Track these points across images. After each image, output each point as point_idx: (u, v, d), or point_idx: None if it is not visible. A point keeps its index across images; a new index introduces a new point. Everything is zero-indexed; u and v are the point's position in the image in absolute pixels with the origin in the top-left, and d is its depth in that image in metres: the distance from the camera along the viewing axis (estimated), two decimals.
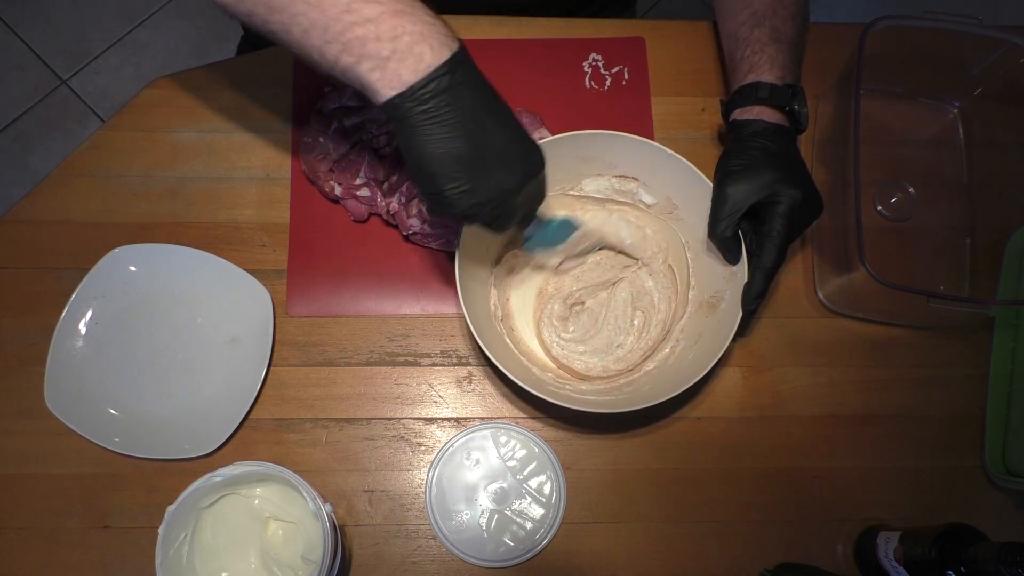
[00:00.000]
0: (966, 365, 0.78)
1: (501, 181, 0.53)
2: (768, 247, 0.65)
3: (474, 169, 0.51)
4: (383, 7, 0.48)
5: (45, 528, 0.71)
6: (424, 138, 0.50)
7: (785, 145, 0.68)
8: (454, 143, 0.50)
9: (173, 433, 0.72)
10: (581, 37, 0.86)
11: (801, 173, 0.67)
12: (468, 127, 0.50)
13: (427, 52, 0.48)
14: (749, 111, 0.69)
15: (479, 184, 0.52)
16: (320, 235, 0.78)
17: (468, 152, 0.51)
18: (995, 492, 0.75)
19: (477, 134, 0.51)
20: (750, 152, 0.67)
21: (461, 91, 0.50)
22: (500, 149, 0.52)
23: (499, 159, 0.52)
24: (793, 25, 0.71)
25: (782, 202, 0.65)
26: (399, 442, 0.74)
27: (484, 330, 0.67)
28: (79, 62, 1.74)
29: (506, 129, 0.53)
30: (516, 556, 0.71)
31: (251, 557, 0.67)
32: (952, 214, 0.83)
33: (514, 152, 0.53)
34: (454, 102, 0.50)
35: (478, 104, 0.51)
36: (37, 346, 0.73)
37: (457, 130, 0.50)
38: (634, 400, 0.66)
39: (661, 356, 0.73)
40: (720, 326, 0.69)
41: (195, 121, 0.81)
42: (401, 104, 0.49)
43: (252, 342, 0.74)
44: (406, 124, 0.50)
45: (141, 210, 0.79)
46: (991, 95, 0.83)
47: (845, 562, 0.73)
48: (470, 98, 0.51)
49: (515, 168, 0.53)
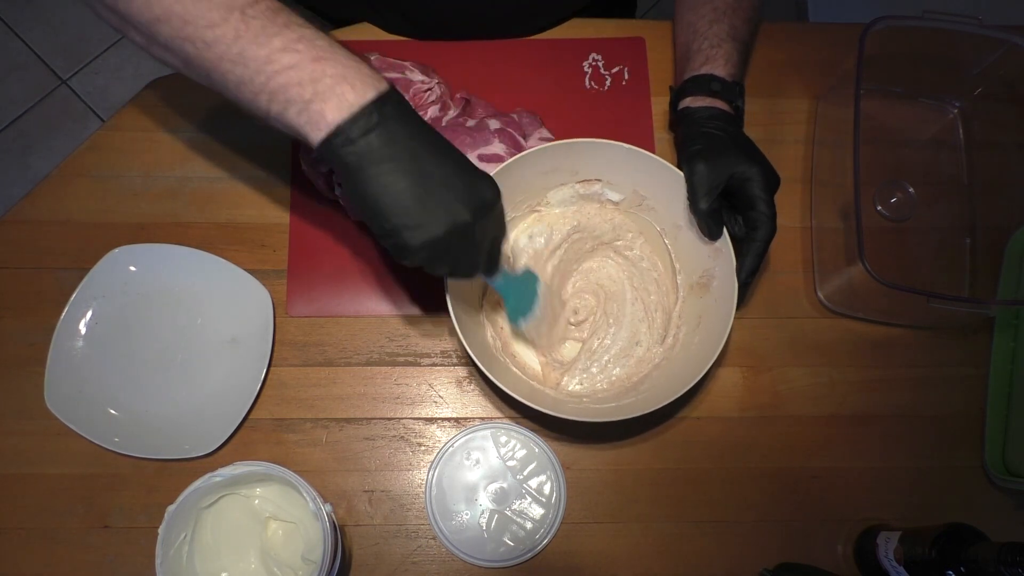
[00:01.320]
0: (966, 365, 0.78)
1: (452, 213, 0.51)
2: (762, 221, 0.67)
3: (420, 204, 0.50)
4: (301, 54, 0.49)
5: (45, 528, 0.71)
6: (362, 178, 0.49)
7: (738, 128, 0.72)
8: (393, 179, 0.49)
9: (173, 433, 0.72)
10: (581, 37, 0.86)
11: (759, 152, 0.70)
12: (405, 163, 0.50)
13: (348, 91, 0.48)
14: (701, 100, 0.72)
15: (428, 219, 0.50)
16: (320, 235, 0.78)
17: (409, 187, 0.50)
18: (995, 492, 0.75)
19: (416, 169, 0.50)
20: (711, 133, 0.69)
21: (392, 127, 0.49)
22: (444, 181, 0.51)
23: (445, 191, 0.51)
24: (748, 28, 0.76)
25: (756, 178, 0.67)
26: (399, 442, 0.74)
27: (489, 362, 0.66)
28: (79, 62, 1.74)
29: (448, 162, 0.52)
30: (516, 556, 0.71)
31: (251, 557, 0.67)
32: (952, 214, 0.83)
33: (461, 183, 0.52)
34: (387, 139, 0.49)
35: (413, 139, 0.50)
36: (37, 346, 0.73)
37: (394, 166, 0.49)
38: (650, 400, 0.66)
39: (666, 346, 0.73)
40: (718, 304, 0.69)
41: (195, 121, 0.81)
42: (331, 145, 0.49)
43: (252, 342, 0.74)
44: (342, 166, 0.50)
45: (141, 210, 0.79)
46: (991, 95, 0.83)
47: (845, 562, 0.73)
48: (403, 134, 0.50)
49: (464, 199, 0.51)
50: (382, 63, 0.76)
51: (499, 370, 0.67)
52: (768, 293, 0.79)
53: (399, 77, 0.75)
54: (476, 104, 0.78)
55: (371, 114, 0.49)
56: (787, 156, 0.83)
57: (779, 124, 0.85)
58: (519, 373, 0.73)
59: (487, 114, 0.77)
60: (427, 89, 0.76)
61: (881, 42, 0.74)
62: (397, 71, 0.76)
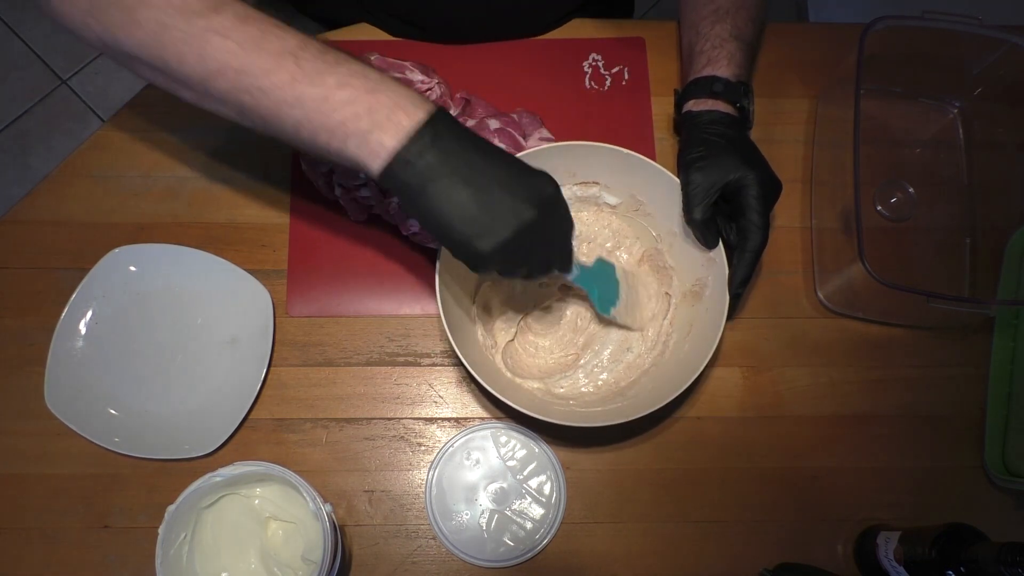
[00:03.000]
0: (966, 365, 0.78)
1: (517, 214, 0.52)
2: (752, 231, 0.66)
3: (485, 210, 0.51)
4: (355, 88, 0.50)
5: (45, 528, 0.71)
6: (425, 196, 0.50)
7: (740, 132, 0.70)
8: (455, 191, 0.50)
9: (173, 433, 0.72)
10: (581, 37, 0.86)
11: (760, 158, 0.69)
12: (463, 172, 0.50)
13: (403, 118, 0.49)
14: (703, 103, 0.71)
15: (495, 223, 0.51)
16: (320, 235, 0.78)
17: (471, 196, 0.50)
18: (995, 492, 0.75)
19: (475, 178, 0.51)
20: (710, 139, 0.68)
21: (446, 143, 0.50)
22: (504, 183, 0.52)
23: (506, 193, 0.52)
24: (753, 27, 0.74)
25: (751, 186, 0.66)
26: (399, 442, 0.74)
27: (480, 367, 0.66)
28: (79, 62, 1.74)
29: (502, 164, 0.53)
30: (516, 556, 0.71)
31: (251, 557, 0.67)
32: (952, 214, 0.83)
33: (520, 184, 0.52)
34: (442, 154, 0.50)
35: (467, 151, 0.51)
36: (37, 346, 0.73)
37: (453, 178, 0.50)
38: (638, 406, 0.66)
39: (656, 353, 0.73)
40: (709, 313, 0.69)
41: (195, 121, 0.81)
42: (393, 171, 0.50)
43: (252, 342, 0.74)
44: (406, 191, 0.51)
45: (141, 210, 0.79)
46: (991, 95, 0.83)
47: (845, 562, 0.73)
48: (456, 147, 0.51)
49: (526, 197, 0.52)
50: (382, 63, 0.76)
51: (487, 371, 0.67)
52: (768, 293, 0.79)
53: (399, 77, 0.75)
54: (476, 104, 0.78)
55: (424, 135, 0.50)
56: (787, 156, 0.83)
57: (779, 124, 0.85)
58: (507, 373, 0.72)
59: (487, 114, 0.77)
60: (427, 89, 0.76)
61: (881, 42, 0.74)
62: (397, 71, 0.76)
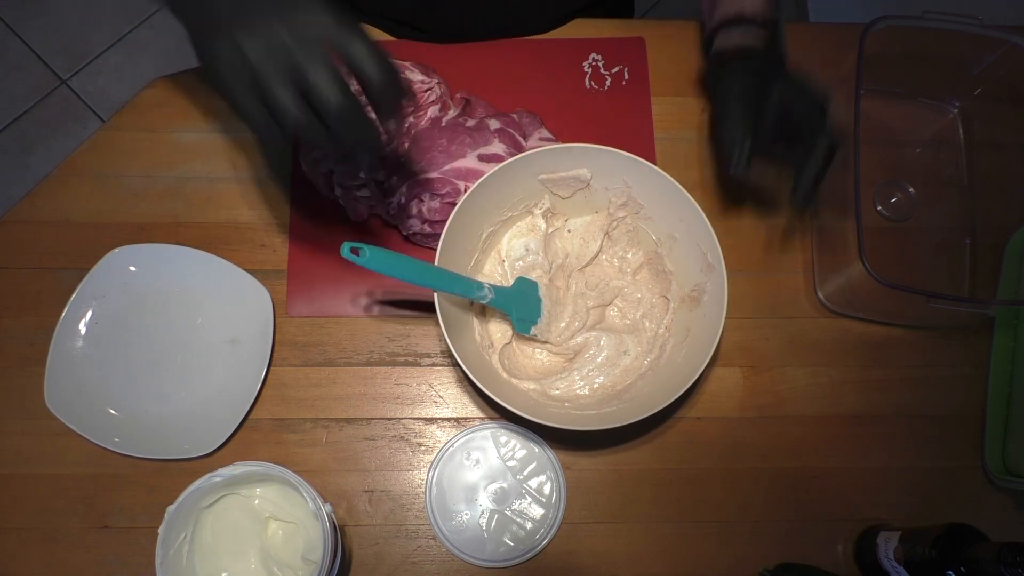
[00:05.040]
0: (966, 365, 0.78)
1: (308, 24, 0.39)
2: (815, 132, 0.67)
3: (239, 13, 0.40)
4: None
5: (45, 528, 0.71)
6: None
7: (773, 65, 0.70)
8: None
9: (173, 433, 0.72)
10: (581, 37, 0.86)
11: (796, 76, 0.69)
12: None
13: None
14: (733, 36, 0.70)
15: (254, 30, 0.39)
16: (320, 235, 0.78)
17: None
18: (995, 492, 0.75)
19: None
20: (736, 93, 0.69)
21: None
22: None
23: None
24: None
25: (797, 99, 0.67)
26: (399, 442, 0.74)
27: (476, 368, 0.66)
28: (79, 62, 1.74)
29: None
30: (516, 556, 0.71)
31: (251, 557, 0.67)
32: (952, 214, 0.83)
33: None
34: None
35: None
36: (37, 346, 0.73)
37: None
38: (634, 409, 0.66)
39: (652, 357, 0.73)
40: (707, 319, 0.68)
41: (195, 121, 0.81)
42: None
43: (252, 342, 0.74)
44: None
45: (141, 210, 0.79)
46: (991, 95, 0.83)
47: (845, 562, 0.73)
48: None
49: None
50: None
51: (484, 372, 0.67)
52: (768, 293, 0.79)
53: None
54: (476, 104, 0.78)
55: None
56: None
57: None
58: (504, 374, 0.72)
59: (487, 114, 0.77)
60: (427, 89, 0.76)
61: (881, 42, 0.74)
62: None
